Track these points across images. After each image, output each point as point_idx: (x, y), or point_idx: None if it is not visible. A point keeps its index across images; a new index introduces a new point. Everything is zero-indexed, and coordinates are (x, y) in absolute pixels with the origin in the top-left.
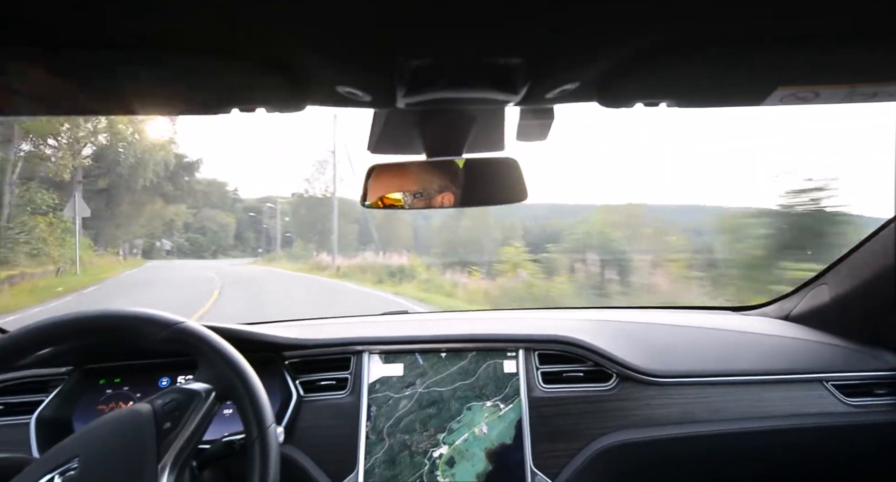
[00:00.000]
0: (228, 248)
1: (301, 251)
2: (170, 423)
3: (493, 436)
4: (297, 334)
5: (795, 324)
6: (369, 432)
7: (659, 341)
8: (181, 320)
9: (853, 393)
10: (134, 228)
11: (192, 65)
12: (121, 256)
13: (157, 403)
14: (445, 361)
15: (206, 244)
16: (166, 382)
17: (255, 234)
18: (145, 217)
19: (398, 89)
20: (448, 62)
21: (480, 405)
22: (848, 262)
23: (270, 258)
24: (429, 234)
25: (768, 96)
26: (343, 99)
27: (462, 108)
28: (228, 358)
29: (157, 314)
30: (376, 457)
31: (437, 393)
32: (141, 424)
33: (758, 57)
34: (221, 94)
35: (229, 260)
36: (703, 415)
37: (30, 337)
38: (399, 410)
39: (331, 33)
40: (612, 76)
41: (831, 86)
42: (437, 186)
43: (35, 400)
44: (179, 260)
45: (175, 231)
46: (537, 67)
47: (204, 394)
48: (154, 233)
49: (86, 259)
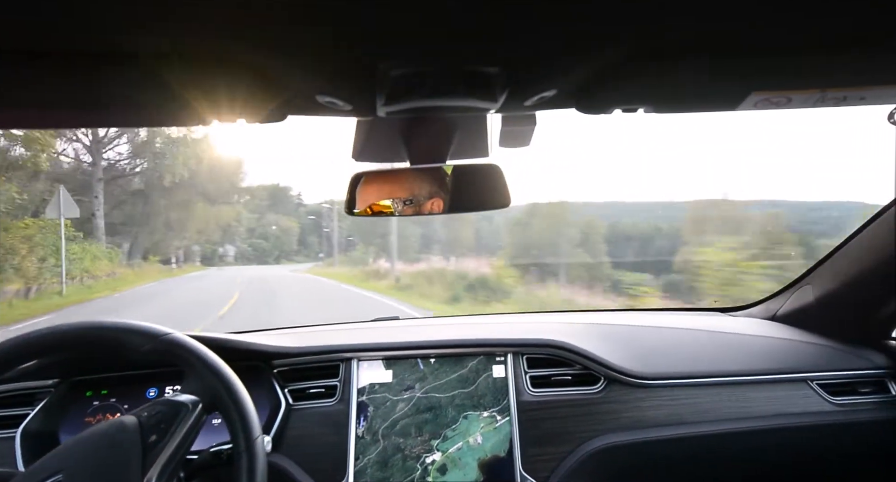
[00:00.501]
0: (292, 254)
1: (361, 255)
2: (156, 436)
3: (487, 447)
4: (285, 342)
5: (781, 324)
6: (364, 432)
7: (646, 343)
8: (168, 331)
9: (838, 392)
10: (189, 234)
11: (170, 76)
12: (173, 265)
13: (143, 416)
14: (445, 368)
15: (269, 249)
16: (154, 393)
17: (317, 238)
18: (196, 221)
19: (378, 98)
20: (427, 71)
21: (477, 415)
22: (831, 263)
23: (330, 263)
24: (491, 235)
25: (742, 101)
26: (324, 108)
27: (443, 116)
28: (215, 369)
29: (142, 325)
30: (369, 458)
31: (434, 399)
32: (126, 437)
33: (733, 63)
34: (200, 106)
35: (292, 265)
36: (691, 416)
37: (12, 350)
38: (396, 413)
39: (310, 43)
40: (589, 84)
41: (803, 90)
42: (426, 193)
43: (20, 413)
44: (241, 266)
45: (237, 237)
46: (515, 76)
47: (191, 405)
48: (211, 238)
49: (103, 270)
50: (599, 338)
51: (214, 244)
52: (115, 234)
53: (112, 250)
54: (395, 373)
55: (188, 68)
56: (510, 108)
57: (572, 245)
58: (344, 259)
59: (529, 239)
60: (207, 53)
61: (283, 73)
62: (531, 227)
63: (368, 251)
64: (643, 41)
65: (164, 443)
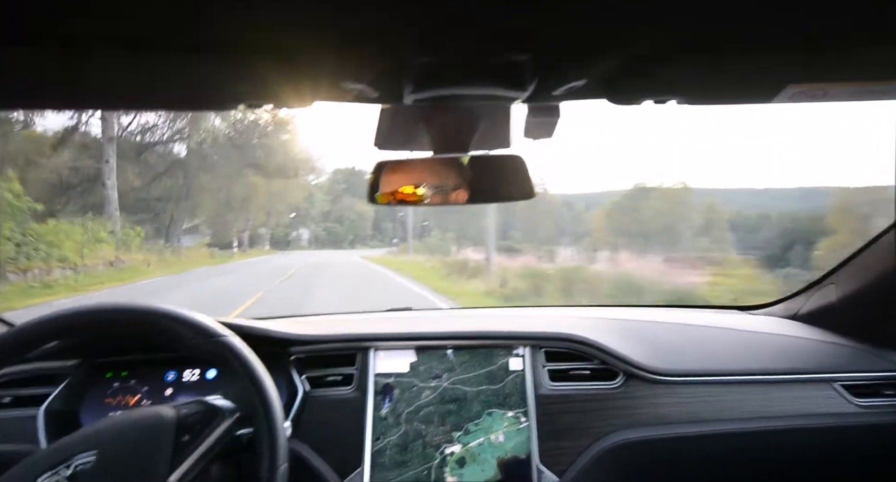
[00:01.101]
0: (367, 238)
1: (439, 242)
2: (189, 436)
3: (508, 447)
4: (303, 330)
5: (803, 323)
6: (388, 414)
7: (666, 339)
8: (224, 333)
9: (861, 393)
10: (252, 214)
11: (200, 60)
12: (234, 249)
13: (182, 412)
14: (475, 362)
15: (343, 234)
16: (173, 376)
17: (392, 223)
18: (258, 199)
19: (405, 85)
20: (456, 58)
21: (502, 413)
22: (856, 262)
23: (404, 250)
24: (577, 222)
25: (778, 94)
26: (351, 95)
27: (469, 105)
28: (260, 385)
29: (201, 321)
30: (390, 440)
31: (460, 391)
32: (162, 431)
33: (769, 55)
34: (229, 90)
35: (365, 250)
36: (711, 414)
37: (83, 317)
38: (421, 399)
39: (340, 30)
40: (620, 74)
41: (841, 83)
42: (452, 183)
43: (43, 392)
44: (314, 250)
45: (311, 220)
46: (545, 64)
47: (227, 413)
48: (282, 221)
49: (101, 257)
50: (618, 334)
51: (287, 227)
52: (146, 212)
53: (132, 230)
54: (416, 363)
55: (217, 53)
56: (538, 98)
57: (694, 233)
58: (419, 246)
59: (636, 225)
60: (238, 39)
61: (313, 59)
62: (638, 211)
63: (446, 238)
64: (679, 31)
65: (195, 445)
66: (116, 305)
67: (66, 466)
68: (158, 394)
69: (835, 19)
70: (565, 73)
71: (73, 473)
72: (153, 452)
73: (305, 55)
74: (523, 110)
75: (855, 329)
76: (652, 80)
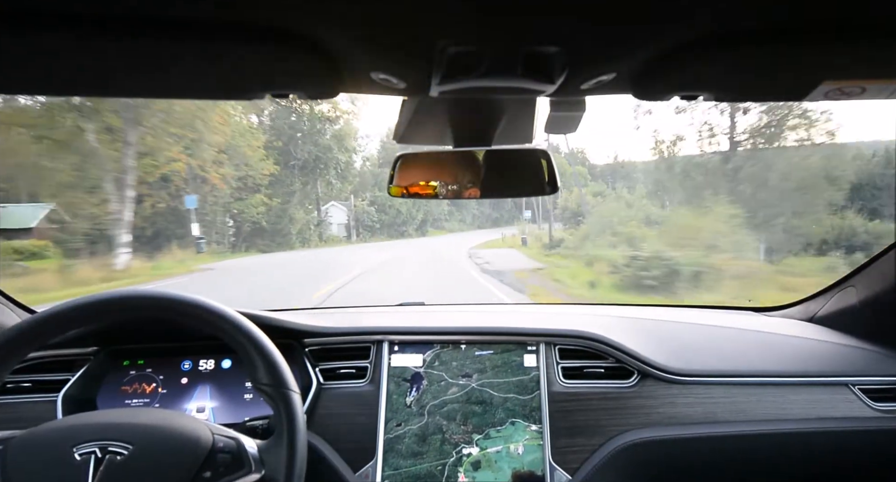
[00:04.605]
0: (441, 220)
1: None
2: (210, 473)
3: (526, 460)
4: (317, 322)
5: (821, 326)
6: (413, 403)
7: (681, 339)
8: (294, 388)
9: (881, 397)
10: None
11: (227, 48)
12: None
13: (217, 442)
14: (506, 369)
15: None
16: (188, 366)
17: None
18: None
19: (433, 77)
20: (486, 50)
21: (525, 425)
22: (877, 265)
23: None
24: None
25: (812, 91)
26: (377, 85)
27: (493, 98)
28: (294, 459)
29: (285, 372)
30: (410, 428)
31: (488, 394)
32: (192, 457)
33: (804, 50)
34: (256, 79)
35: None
36: (727, 415)
37: (166, 302)
38: (447, 394)
39: (370, 19)
40: (650, 67)
41: (879, 81)
42: (468, 178)
43: (62, 378)
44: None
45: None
46: (575, 57)
47: (255, 468)
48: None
49: None
50: (633, 332)
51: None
52: None
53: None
54: (443, 357)
55: (244, 41)
56: (565, 91)
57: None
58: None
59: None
60: (265, 26)
61: (340, 48)
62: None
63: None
64: (713, 24)
65: None
66: (194, 299)
67: (101, 448)
68: (174, 382)
69: (875, 11)
70: (595, 66)
71: (104, 457)
72: (172, 472)
73: (336, 44)
74: (547, 104)
75: (875, 332)
76: (682, 75)
